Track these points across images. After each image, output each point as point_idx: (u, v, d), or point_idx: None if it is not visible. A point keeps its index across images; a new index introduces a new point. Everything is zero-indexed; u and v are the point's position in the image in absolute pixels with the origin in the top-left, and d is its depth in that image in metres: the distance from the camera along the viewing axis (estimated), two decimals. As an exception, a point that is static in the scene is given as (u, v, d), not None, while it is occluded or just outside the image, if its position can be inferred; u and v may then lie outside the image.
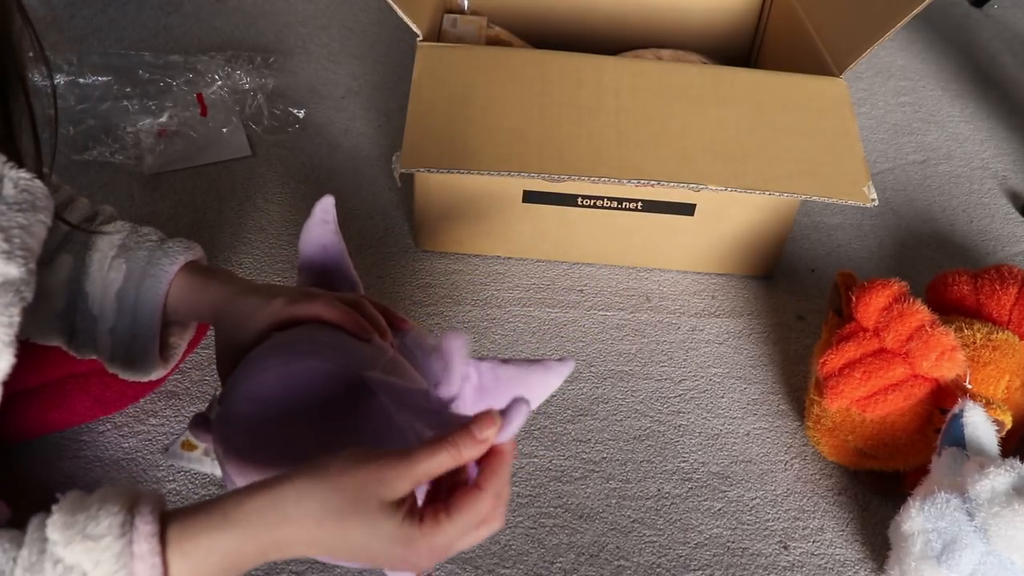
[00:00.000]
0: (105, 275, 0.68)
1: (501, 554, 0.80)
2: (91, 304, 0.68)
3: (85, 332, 0.69)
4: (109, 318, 0.68)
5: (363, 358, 0.57)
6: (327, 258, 0.68)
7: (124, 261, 0.68)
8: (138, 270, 0.68)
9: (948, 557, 0.71)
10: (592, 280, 1.06)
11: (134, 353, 0.69)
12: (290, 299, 0.61)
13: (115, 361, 0.70)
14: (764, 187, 0.90)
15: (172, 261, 0.68)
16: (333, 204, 0.68)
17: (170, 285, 0.68)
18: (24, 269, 0.54)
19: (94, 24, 1.32)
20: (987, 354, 0.84)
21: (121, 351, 0.69)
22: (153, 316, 0.68)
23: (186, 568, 0.46)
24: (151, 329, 0.68)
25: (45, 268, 0.68)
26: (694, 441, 0.91)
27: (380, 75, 1.32)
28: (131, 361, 0.70)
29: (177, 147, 1.13)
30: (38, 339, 0.71)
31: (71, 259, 0.68)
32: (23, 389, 0.78)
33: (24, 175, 0.55)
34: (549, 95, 0.94)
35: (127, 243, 0.69)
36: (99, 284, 0.68)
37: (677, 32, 1.29)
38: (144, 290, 0.67)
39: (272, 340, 0.59)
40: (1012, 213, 1.23)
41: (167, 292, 0.68)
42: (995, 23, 1.62)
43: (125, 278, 0.68)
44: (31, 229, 0.55)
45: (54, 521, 0.46)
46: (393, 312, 0.64)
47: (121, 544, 0.45)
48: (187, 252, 0.69)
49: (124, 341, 0.69)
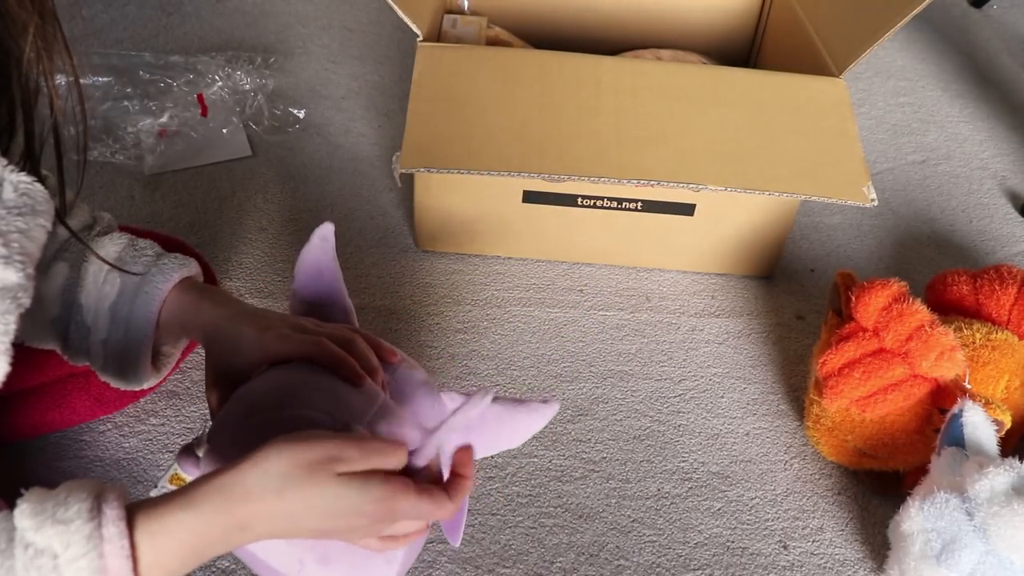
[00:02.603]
0: (100, 288, 0.68)
1: (501, 553, 0.80)
2: (85, 315, 0.68)
3: (78, 341, 0.69)
4: (102, 330, 0.68)
5: (353, 409, 0.57)
6: (322, 284, 0.68)
7: (119, 276, 0.68)
8: (132, 286, 0.67)
9: (947, 557, 0.71)
10: (592, 280, 1.06)
11: (126, 365, 0.69)
12: (281, 336, 0.61)
13: (107, 371, 0.70)
14: (764, 187, 0.91)
15: (166, 279, 0.67)
16: (332, 231, 0.68)
17: (163, 303, 0.67)
18: (22, 274, 0.53)
19: (94, 24, 1.32)
20: (986, 354, 0.84)
21: (113, 362, 0.69)
22: (146, 332, 0.67)
23: (152, 549, 0.47)
24: (143, 344, 0.68)
25: (41, 275, 0.67)
26: (694, 441, 0.91)
27: (380, 75, 1.32)
28: (123, 372, 0.70)
29: (177, 147, 1.13)
30: (34, 343, 0.70)
31: (67, 268, 0.68)
32: (23, 388, 0.78)
33: (24, 178, 0.55)
34: (549, 95, 0.94)
35: (123, 256, 0.68)
36: (94, 296, 0.68)
37: (677, 32, 1.29)
38: (137, 306, 0.67)
39: (263, 383, 0.59)
40: (1011, 213, 1.23)
41: (160, 309, 0.67)
42: (994, 23, 1.62)
43: (119, 293, 0.67)
44: (30, 233, 0.55)
45: (22, 510, 0.47)
46: (382, 345, 0.64)
47: (90, 527, 0.46)
48: (182, 269, 0.68)
49: (116, 353, 0.68)
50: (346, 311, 0.68)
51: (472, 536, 0.80)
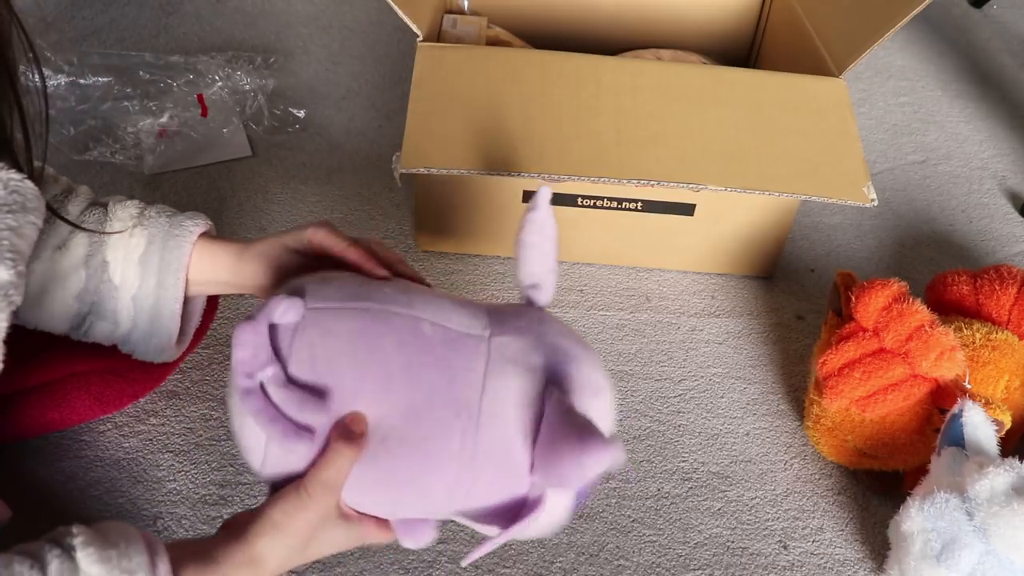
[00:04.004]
0: (127, 242, 0.70)
1: (501, 553, 0.80)
2: (112, 272, 0.69)
3: (104, 304, 0.70)
4: (132, 284, 0.69)
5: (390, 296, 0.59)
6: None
7: (145, 228, 0.70)
8: (161, 233, 0.70)
9: (947, 557, 0.71)
10: (592, 280, 1.06)
11: (156, 320, 0.71)
12: (324, 229, 0.68)
13: (135, 333, 0.71)
14: (764, 187, 0.91)
15: (195, 223, 0.71)
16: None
17: (193, 246, 0.70)
18: (12, 272, 0.54)
19: (94, 24, 1.32)
20: (986, 354, 0.84)
21: (143, 320, 0.70)
22: (179, 275, 0.69)
23: None
24: (176, 289, 0.70)
25: (60, 251, 0.69)
26: (694, 441, 0.91)
27: (380, 75, 1.32)
28: (152, 332, 0.71)
29: (178, 147, 1.13)
30: (48, 327, 0.71)
31: (86, 236, 0.69)
32: (22, 388, 0.78)
33: (14, 176, 0.55)
34: (549, 95, 0.94)
35: (146, 213, 0.71)
36: (121, 251, 0.69)
37: (677, 32, 1.29)
38: (168, 250, 0.69)
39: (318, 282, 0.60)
40: (1011, 213, 1.23)
41: (190, 253, 0.70)
42: (994, 23, 1.62)
43: (148, 242, 0.70)
44: (20, 231, 0.55)
45: (89, 555, 0.50)
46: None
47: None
48: (206, 221, 0.72)
49: (147, 307, 0.70)
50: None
51: (472, 536, 0.80)
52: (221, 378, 0.89)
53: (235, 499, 0.80)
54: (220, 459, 0.83)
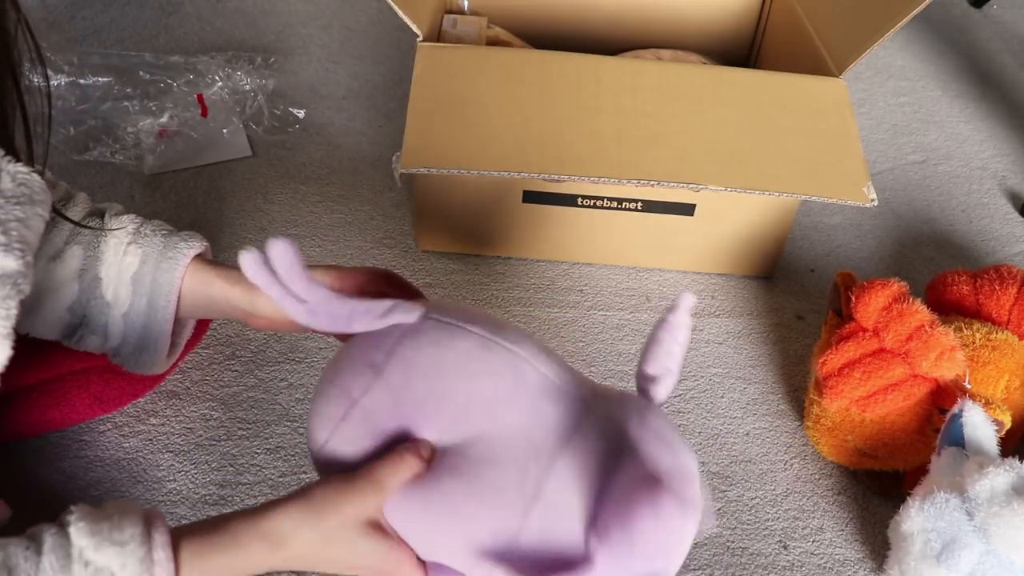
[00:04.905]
0: (121, 260, 0.70)
1: (501, 554, 0.80)
2: (104, 289, 0.70)
3: (95, 319, 0.70)
4: (124, 302, 0.70)
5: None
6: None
7: (139, 246, 0.70)
8: (155, 253, 0.70)
9: (947, 557, 0.71)
10: (592, 280, 1.06)
11: (146, 338, 0.71)
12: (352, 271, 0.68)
13: (124, 349, 0.71)
14: (764, 187, 0.91)
15: (189, 246, 0.71)
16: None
17: (186, 269, 0.70)
18: (21, 262, 0.55)
19: (94, 24, 1.32)
20: (986, 354, 0.84)
21: (133, 337, 0.71)
22: (170, 297, 0.70)
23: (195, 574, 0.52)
24: (167, 311, 0.70)
25: (55, 262, 0.69)
26: (694, 441, 0.91)
27: (380, 75, 1.32)
28: (141, 348, 0.71)
29: (178, 147, 1.13)
30: (40, 333, 0.71)
31: (81, 250, 0.70)
32: (22, 387, 0.78)
33: (22, 168, 0.56)
34: (549, 95, 0.94)
35: (141, 231, 0.71)
36: (115, 268, 0.70)
37: (677, 32, 1.29)
38: (161, 271, 0.69)
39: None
40: (1011, 213, 1.23)
41: (183, 276, 0.70)
42: (994, 23, 1.62)
43: (141, 261, 0.70)
44: (28, 222, 0.56)
45: (79, 529, 0.50)
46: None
47: (143, 551, 0.50)
48: (201, 242, 0.72)
49: (137, 326, 0.70)
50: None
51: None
52: (221, 378, 0.89)
53: (235, 499, 0.80)
54: (220, 459, 0.83)
